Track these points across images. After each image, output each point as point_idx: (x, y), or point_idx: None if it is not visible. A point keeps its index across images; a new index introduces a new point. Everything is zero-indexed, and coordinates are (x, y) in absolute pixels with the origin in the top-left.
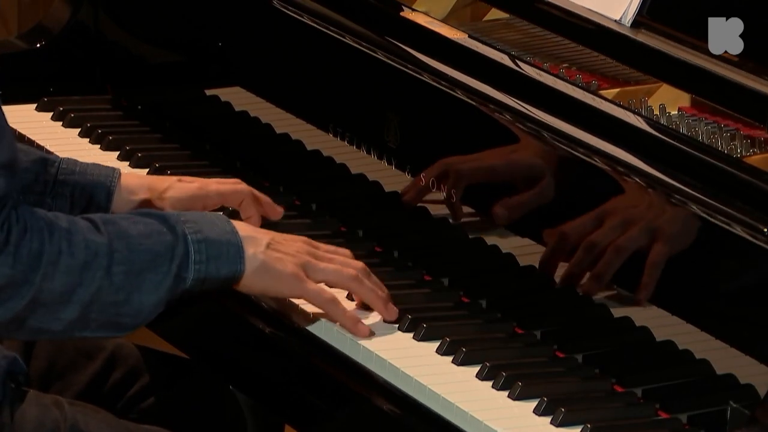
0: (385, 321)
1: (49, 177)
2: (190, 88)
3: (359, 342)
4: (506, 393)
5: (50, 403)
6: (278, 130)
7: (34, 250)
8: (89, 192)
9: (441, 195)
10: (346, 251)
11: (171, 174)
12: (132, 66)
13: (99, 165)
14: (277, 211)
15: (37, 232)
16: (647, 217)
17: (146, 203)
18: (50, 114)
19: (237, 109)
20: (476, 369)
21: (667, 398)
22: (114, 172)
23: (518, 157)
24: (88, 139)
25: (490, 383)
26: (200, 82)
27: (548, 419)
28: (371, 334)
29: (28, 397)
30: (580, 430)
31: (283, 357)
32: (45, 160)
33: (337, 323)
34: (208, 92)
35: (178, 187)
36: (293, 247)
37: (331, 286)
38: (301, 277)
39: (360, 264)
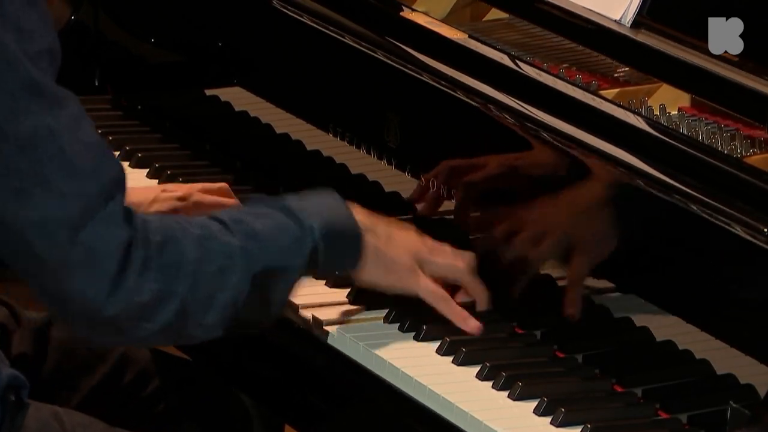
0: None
1: None
2: (190, 88)
3: (359, 342)
4: (506, 393)
5: (49, 416)
6: (278, 130)
7: (174, 261)
8: None
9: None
10: (447, 245)
11: (171, 174)
12: (132, 66)
13: None
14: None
15: (175, 242)
16: (647, 217)
17: None
18: None
19: (237, 109)
20: (476, 369)
21: (667, 398)
22: None
23: (519, 157)
24: None
25: (490, 383)
26: (200, 82)
27: (548, 419)
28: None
29: (29, 411)
30: (580, 430)
31: (283, 357)
32: None
33: (448, 318)
34: (208, 92)
35: (162, 198)
36: (409, 239)
37: (437, 279)
38: (417, 272)
39: (468, 254)
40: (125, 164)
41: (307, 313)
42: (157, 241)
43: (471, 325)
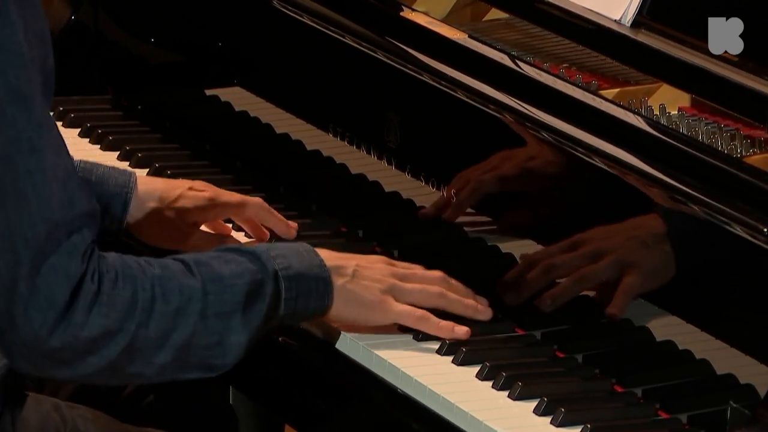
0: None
1: None
2: (190, 88)
3: (359, 342)
4: (506, 393)
5: (50, 408)
6: (278, 130)
7: (127, 298)
8: (105, 203)
9: (439, 193)
10: (420, 267)
11: (171, 174)
12: (132, 66)
13: (115, 171)
14: (291, 228)
15: (130, 279)
16: (646, 216)
17: (157, 211)
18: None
19: (237, 109)
20: (476, 369)
21: (667, 398)
22: (130, 181)
23: (520, 159)
24: (88, 139)
25: (490, 383)
26: (200, 82)
27: (548, 419)
28: (468, 333)
29: (29, 403)
30: (580, 430)
31: (283, 357)
32: None
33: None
34: (208, 92)
35: (188, 196)
36: (377, 271)
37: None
38: (389, 302)
39: (438, 275)
40: (125, 164)
41: None
42: (110, 277)
43: (459, 332)
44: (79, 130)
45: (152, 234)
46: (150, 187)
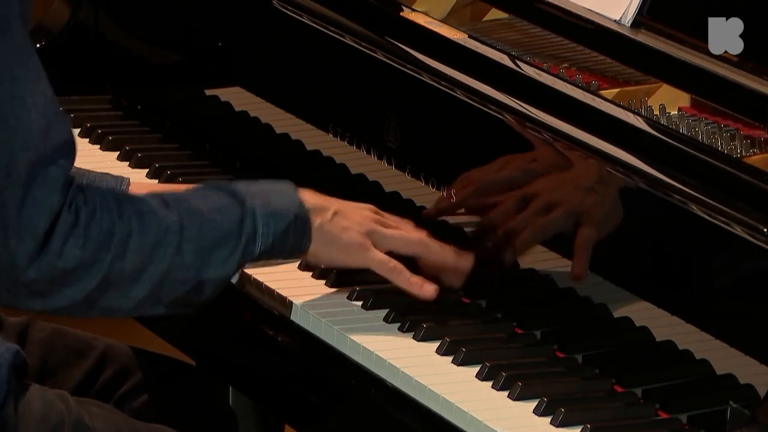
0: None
1: None
2: (190, 88)
3: (359, 342)
4: (506, 393)
5: (55, 398)
6: (278, 130)
7: (104, 230)
8: None
9: (435, 191)
10: (409, 221)
11: (171, 174)
12: (132, 66)
13: (107, 176)
14: None
15: (107, 211)
16: (646, 217)
17: None
18: None
19: (237, 109)
20: (476, 369)
21: (667, 398)
22: (122, 184)
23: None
24: (88, 139)
25: (490, 383)
26: (200, 82)
27: (548, 419)
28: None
29: (33, 391)
30: (580, 430)
31: (283, 357)
32: None
33: (404, 289)
34: (208, 92)
35: None
36: (359, 215)
37: (397, 254)
38: (367, 246)
39: (422, 232)
40: (125, 164)
41: (307, 312)
42: (89, 210)
43: (427, 289)
44: (79, 130)
45: None
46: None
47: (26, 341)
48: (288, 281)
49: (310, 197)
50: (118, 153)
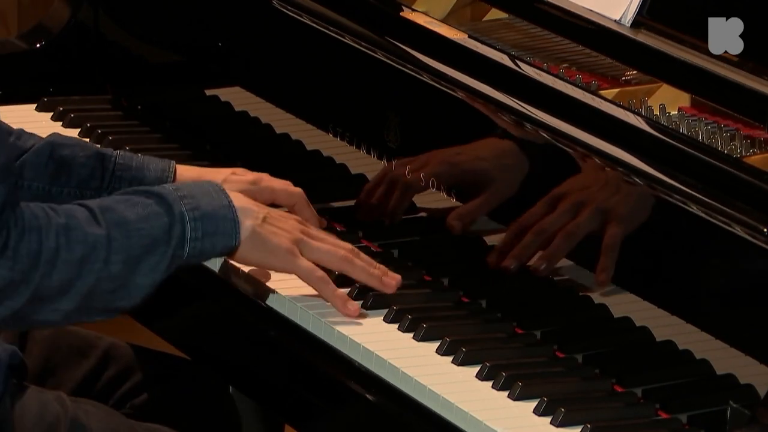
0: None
1: (105, 172)
2: (190, 88)
3: (359, 342)
4: (506, 393)
5: (52, 398)
6: (278, 130)
7: (32, 250)
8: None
9: (441, 195)
10: (334, 236)
11: None
12: (132, 66)
13: (154, 159)
14: (322, 223)
15: (35, 231)
16: (645, 217)
17: None
18: (50, 114)
19: (237, 109)
20: (476, 369)
21: (667, 398)
22: (170, 166)
23: (516, 157)
24: (88, 139)
25: (490, 383)
26: (200, 82)
27: (548, 419)
28: (361, 313)
29: (29, 391)
30: (580, 430)
31: (283, 357)
32: (101, 155)
33: (328, 302)
34: (208, 92)
35: (232, 180)
36: (288, 223)
37: (321, 267)
38: (295, 253)
39: (349, 245)
40: None
41: (307, 312)
42: (18, 231)
43: (350, 308)
44: (79, 130)
45: None
46: (196, 173)
47: (28, 340)
48: (286, 281)
49: (238, 199)
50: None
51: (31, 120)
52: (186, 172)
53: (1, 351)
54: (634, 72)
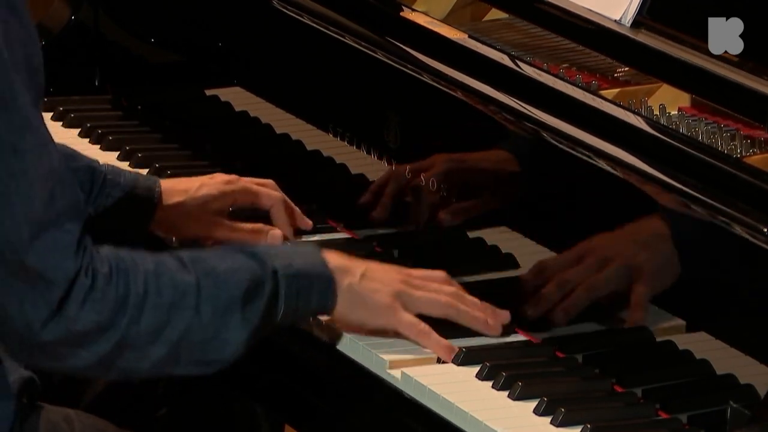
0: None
1: (94, 186)
2: (190, 88)
3: (359, 342)
4: (506, 393)
5: (59, 419)
6: (278, 130)
7: (120, 294)
8: (134, 206)
9: (439, 195)
10: (440, 273)
11: (171, 174)
12: (132, 66)
13: (140, 176)
14: (307, 224)
15: (123, 274)
16: (647, 218)
17: (181, 205)
18: (50, 114)
19: (237, 109)
20: (476, 369)
21: (667, 398)
22: (155, 184)
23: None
24: (88, 139)
25: (490, 383)
26: (200, 82)
27: (548, 419)
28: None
29: (38, 411)
30: (580, 430)
31: (283, 357)
32: (92, 169)
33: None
34: (208, 92)
35: (209, 183)
36: (387, 276)
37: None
38: (396, 308)
39: (452, 288)
40: (125, 164)
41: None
42: (104, 272)
43: (454, 354)
44: (79, 130)
45: (180, 226)
46: (174, 184)
47: None
48: None
49: (334, 258)
50: (118, 153)
51: None
52: (165, 184)
53: (17, 377)
54: (635, 72)
